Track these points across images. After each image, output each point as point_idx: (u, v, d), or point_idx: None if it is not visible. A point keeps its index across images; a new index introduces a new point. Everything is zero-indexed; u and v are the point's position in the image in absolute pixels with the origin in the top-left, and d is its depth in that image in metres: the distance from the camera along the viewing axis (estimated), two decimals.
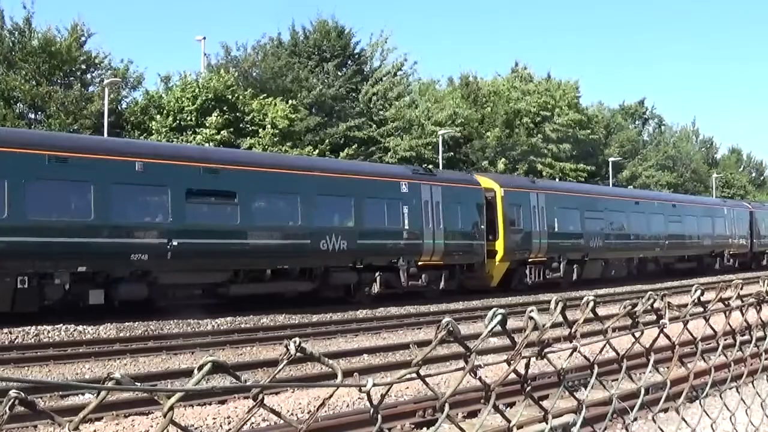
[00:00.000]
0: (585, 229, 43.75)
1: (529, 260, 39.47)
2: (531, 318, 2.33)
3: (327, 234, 30.59)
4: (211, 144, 41.80)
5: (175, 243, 26.14)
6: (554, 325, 2.42)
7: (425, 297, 33.85)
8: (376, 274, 32.50)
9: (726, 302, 3.68)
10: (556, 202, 41.78)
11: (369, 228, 32.46)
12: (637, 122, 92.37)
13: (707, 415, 3.72)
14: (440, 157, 55.49)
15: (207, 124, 43.83)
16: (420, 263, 34.04)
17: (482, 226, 37.07)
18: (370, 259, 32.39)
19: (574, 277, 42.39)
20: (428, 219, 34.43)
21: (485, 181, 38.77)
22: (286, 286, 30.44)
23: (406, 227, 33.59)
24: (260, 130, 45.73)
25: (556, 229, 41.15)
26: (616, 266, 46.46)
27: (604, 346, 2.85)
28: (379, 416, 2.07)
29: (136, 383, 1.63)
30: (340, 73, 56.71)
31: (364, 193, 32.39)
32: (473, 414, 11.87)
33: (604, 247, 44.90)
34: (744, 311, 3.89)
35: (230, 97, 45.98)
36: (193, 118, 44.48)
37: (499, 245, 37.74)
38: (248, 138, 45.36)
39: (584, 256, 43.40)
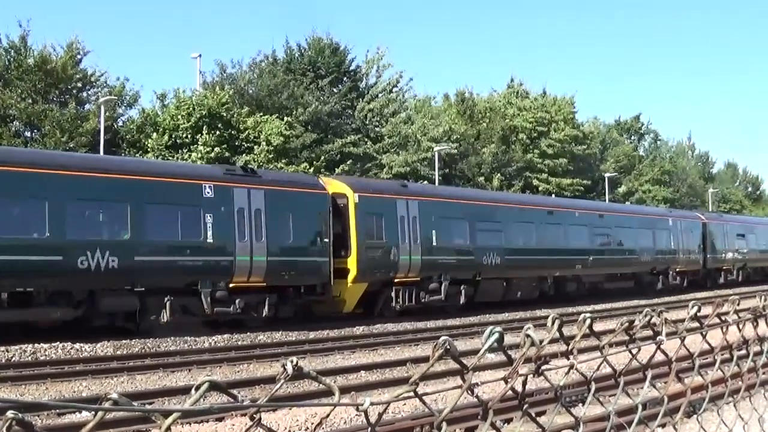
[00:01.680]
0: (476, 244, 36.80)
1: (396, 281, 32.80)
2: (528, 335, 2.33)
3: (88, 249, 24.33)
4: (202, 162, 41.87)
5: None
6: (551, 342, 2.43)
7: (246, 326, 27.93)
8: (166, 298, 26.16)
9: (723, 317, 3.69)
10: (435, 210, 34.85)
11: (153, 241, 26.31)
12: (632, 137, 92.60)
13: (704, 430, 3.72)
14: (436, 173, 55.56)
15: (200, 142, 43.92)
16: (232, 285, 27.68)
17: (326, 239, 30.48)
18: (156, 280, 26.04)
19: (463, 300, 35.31)
20: (244, 230, 28.02)
21: (336, 185, 32.39)
22: (35, 313, 24.21)
23: (210, 240, 27.14)
24: (255, 147, 45.81)
25: (435, 243, 34.29)
26: (522, 287, 39.35)
27: (602, 362, 2.86)
28: None
29: (133, 402, 1.63)
30: (335, 90, 56.87)
31: (147, 197, 26.16)
32: (471, 430, 11.85)
33: (504, 265, 37.51)
34: (741, 326, 3.90)
35: (225, 114, 46.08)
36: (189, 136, 44.57)
37: (352, 262, 31.22)
38: (243, 155, 45.44)
39: (476, 276, 36.22)
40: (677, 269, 51.92)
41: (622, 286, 47.04)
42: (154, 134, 44.67)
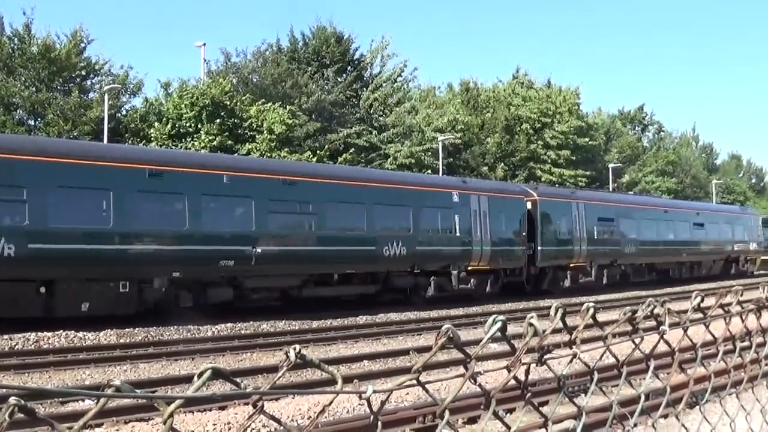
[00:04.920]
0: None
1: None
2: (531, 324, 2.33)
3: None
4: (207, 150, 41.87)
5: None
6: (554, 331, 2.43)
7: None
8: None
9: (726, 308, 3.68)
10: None
11: None
12: (636, 128, 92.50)
13: (707, 421, 3.72)
14: (440, 163, 55.54)
15: (203, 131, 43.94)
16: None
17: None
18: None
19: (43, 311, 23.10)
20: None
21: None
22: None
23: None
24: (257, 136, 45.78)
25: None
26: (93, 295, 24.07)
27: (604, 352, 2.86)
28: (379, 422, 2.08)
29: (136, 390, 1.63)
30: (340, 79, 56.82)
31: None
32: (473, 420, 11.86)
33: (29, 259, 22.54)
34: (744, 317, 3.89)
35: (228, 103, 46.06)
36: (192, 125, 44.57)
37: None
38: (246, 144, 45.44)
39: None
40: (470, 267, 35.59)
41: (354, 292, 32.25)
42: (157, 123, 44.69)
